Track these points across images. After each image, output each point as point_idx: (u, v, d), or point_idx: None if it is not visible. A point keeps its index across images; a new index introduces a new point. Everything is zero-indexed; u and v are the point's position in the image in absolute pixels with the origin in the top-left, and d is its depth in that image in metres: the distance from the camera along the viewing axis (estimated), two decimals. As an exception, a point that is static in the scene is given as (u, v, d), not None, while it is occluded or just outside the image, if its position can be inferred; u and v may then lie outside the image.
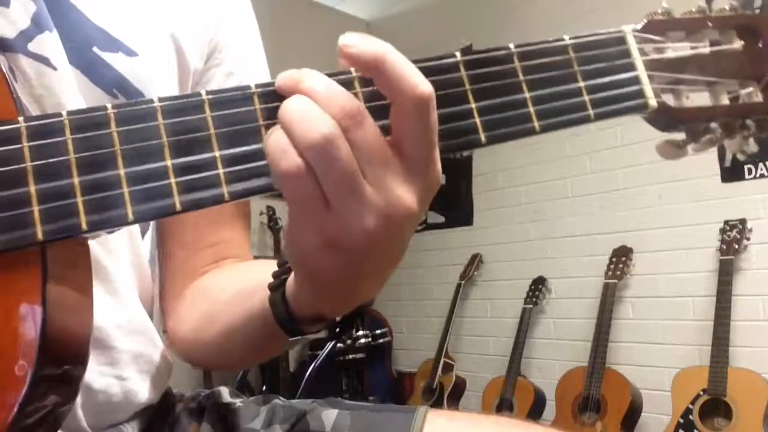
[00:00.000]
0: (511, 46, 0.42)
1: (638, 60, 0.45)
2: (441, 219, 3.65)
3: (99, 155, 0.36)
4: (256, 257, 0.71)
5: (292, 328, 0.49)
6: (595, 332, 2.56)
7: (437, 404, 3.06)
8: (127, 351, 0.56)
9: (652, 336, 2.68)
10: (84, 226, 0.35)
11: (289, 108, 0.36)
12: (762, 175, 2.46)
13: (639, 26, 0.47)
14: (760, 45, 0.47)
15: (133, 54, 0.56)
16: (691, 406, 2.18)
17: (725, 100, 0.46)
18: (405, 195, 0.37)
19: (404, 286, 3.83)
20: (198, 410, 0.65)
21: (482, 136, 0.40)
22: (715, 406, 2.14)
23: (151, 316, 0.62)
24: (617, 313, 2.67)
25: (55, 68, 0.50)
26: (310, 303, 0.47)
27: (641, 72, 0.44)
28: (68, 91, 0.51)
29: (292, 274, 0.47)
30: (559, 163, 3.06)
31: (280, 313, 0.49)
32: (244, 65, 0.71)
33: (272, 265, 0.50)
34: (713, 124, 0.47)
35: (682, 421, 2.19)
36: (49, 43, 0.50)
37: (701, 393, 2.17)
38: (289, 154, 0.35)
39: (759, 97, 0.46)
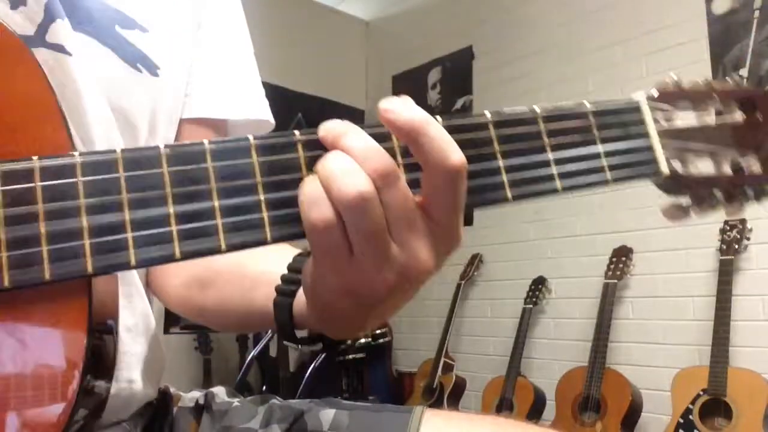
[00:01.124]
0: (537, 108, 0.44)
1: (652, 129, 0.47)
2: (441, 219, 3.65)
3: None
4: None
5: (290, 337, 0.50)
6: (595, 332, 2.56)
7: (437, 404, 3.06)
8: (134, 354, 0.57)
9: (652, 336, 2.68)
10: (133, 262, 0.36)
11: (329, 163, 0.37)
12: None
13: (654, 95, 0.50)
14: (759, 118, 0.51)
15: (145, 30, 0.59)
16: (691, 406, 2.18)
17: (727, 169, 0.49)
18: (427, 256, 0.39)
19: (404, 286, 3.83)
20: (196, 409, 0.65)
21: (508, 193, 0.42)
22: (715, 406, 2.14)
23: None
24: (617, 313, 2.67)
25: (70, 54, 0.52)
26: (315, 324, 0.47)
27: (655, 140, 0.47)
28: (85, 76, 0.52)
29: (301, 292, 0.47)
30: (559, 163, 3.06)
31: (282, 319, 0.49)
32: (227, 50, 0.72)
33: (275, 253, 0.50)
34: (716, 191, 0.50)
35: (682, 421, 2.19)
36: (62, 30, 0.52)
37: (701, 393, 2.17)
38: (321, 206, 0.36)
39: (758, 168, 0.50)
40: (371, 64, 4.42)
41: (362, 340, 3.43)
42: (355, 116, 4.30)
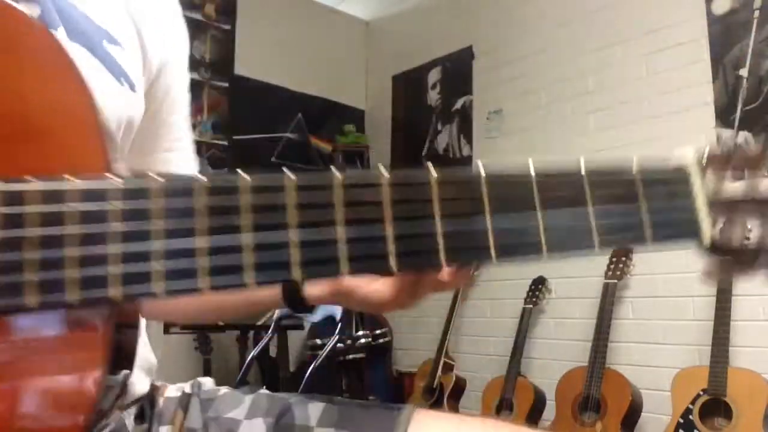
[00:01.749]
0: (582, 169, 0.41)
1: (700, 199, 0.44)
2: (441, 219, 3.64)
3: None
4: None
5: (297, 307, 0.58)
6: (595, 332, 2.56)
7: (437, 404, 3.06)
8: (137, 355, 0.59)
9: (652, 336, 2.68)
10: (157, 292, 0.36)
11: None
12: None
13: (703, 158, 0.45)
14: None
15: (124, 49, 0.61)
16: (691, 406, 2.18)
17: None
18: None
19: (404, 286, 3.83)
20: (182, 399, 0.66)
21: (544, 249, 0.41)
22: (715, 406, 2.14)
23: None
24: (617, 313, 2.67)
25: None
26: (320, 302, 0.56)
27: (701, 212, 0.44)
28: None
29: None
30: (559, 163, 3.06)
31: (292, 299, 0.57)
32: (178, 90, 0.73)
33: None
34: (762, 253, 0.47)
35: (682, 421, 2.19)
36: (61, 38, 0.53)
37: (701, 393, 2.17)
38: None
39: None
40: (371, 64, 4.42)
41: (362, 341, 3.43)
42: (355, 116, 4.30)
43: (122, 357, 0.40)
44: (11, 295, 0.34)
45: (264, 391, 0.65)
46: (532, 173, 0.41)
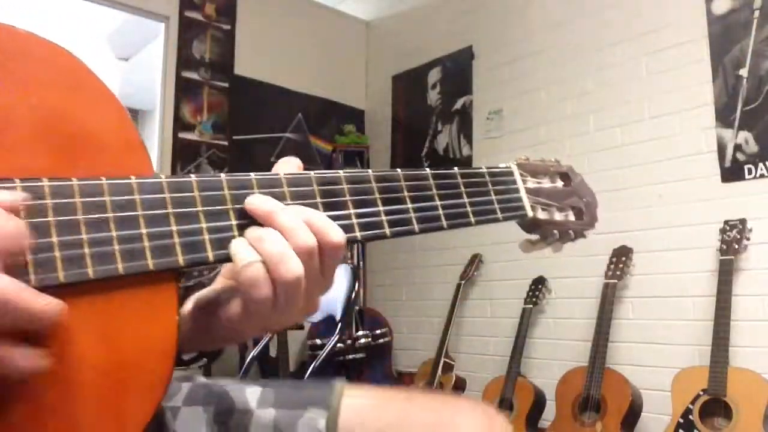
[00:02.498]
0: (455, 168, 0.64)
1: (521, 186, 0.70)
2: (441, 219, 3.64)
3: (219, 210, 0.49)
4: None
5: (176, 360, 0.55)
6: (595, 332, 2.56)
7: (437, 404, 3.06)
8: None
9: (652, 336, 2.68)
10: (211, 258, 0.47)
11: (268, 246, 0.46)
12: (762, 175, 2.46)
13: (517, 164, 0.72)
14: (572, 185, 0.78)
15: None
16: (691, 406, 2.18)
17: (557, 218, 0.74)
18: (317, 300, 0.52)
19: (404, 286, 3.83)
20: None
21: (444, 223, 0.61)
22: (715, 406, 2.14)
23: None
24: (617, 313, 2.67)
25: None
26: (197, 344, 0.55)
27: (523, 194, 0.70)
28: None
29: (190, 308, 0.55)
30: (559, 163, 3.06)
31: None
32: None
33: None
34: (555, 231, 0.74)
35: (682, 421, 2.19)
36: None
37: (701, 393, 2.17)
38: (264, 286, 0.46)
39: (572, 217, 0.77)
40: (371, 64, 4.42)
41: (362, 341, 3.43)
42: (355, 116, 4.30)
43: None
44: (103, 263, 0.42)
45: (201, 378, 0.67)
46: (428, 171, 0.62)
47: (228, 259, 0.47)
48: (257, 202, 0.48)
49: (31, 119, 0.44)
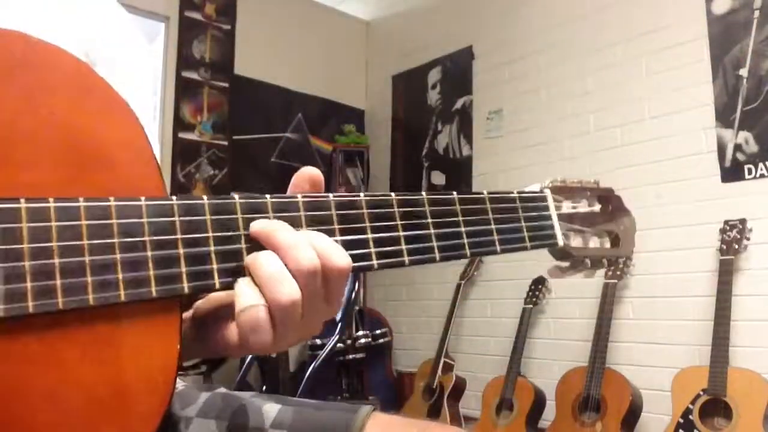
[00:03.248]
0: (485, 192, 0.60)
1: (554, 213, 0.66)
2: (441, 219, 3.64)
3: (229, 235, 0.47)
4: None
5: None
6: (595, 332, 2.56)
7: (437, 404, 3.06)
8: None
9: (652, 336, 2.68)
10: (217, 286, 0.45)
11: (263, 268, 0.44)
12: (762, 175, 2.46)
13: (550, 186, 0.68)
14: (609, 208, 0.74)
15: None
16: (691, 406, 2.18)
17: (591, 244, 0.70)
18: (319, 324, 0.49)
19: (404, 286, 3.83)
20: None
21: (467, 252, 0.58)
22: (715, 406, 2.14)
23: None
24: (617, 313, 2.67)
25: None
26: (196, 353, 0.53)
27: (555, 221, 0.66)
28: None
29: (189, 320, 0.52)
30: (559, 165, 3.06)
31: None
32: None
33: None
34: (586, 260, 0.70)
35: (682, 421, 2.19)
36: None
37: (701, 393, 2.17)
38: (264, 332, 0.44)
39: (608, 245, 0.73)
40: (371, 64, 4.42)
41: (362, 341, 3.43)
42: (355, 116, 4.30)
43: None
44: (104, 291, 0.40)
45: (221, 389, 0.65)
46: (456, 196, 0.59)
47: None
48: (260, 225, 0.46)
49: (38, 131, 0.42)
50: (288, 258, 0.45)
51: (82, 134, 0.44)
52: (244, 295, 0.44)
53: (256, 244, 0.46)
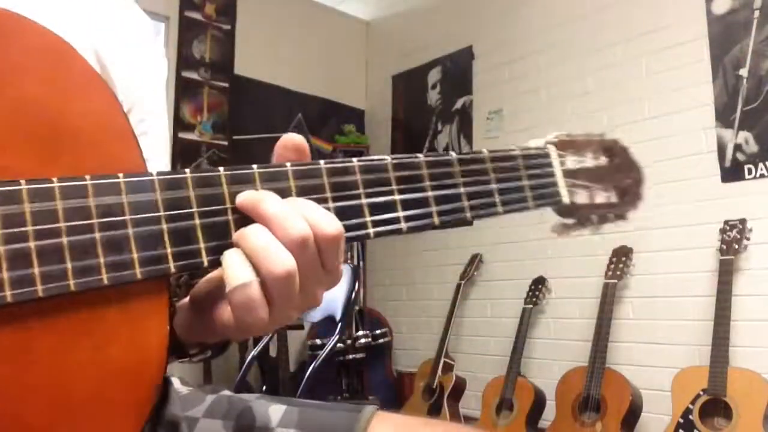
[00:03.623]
0: (485, 150, 0.57)
1: (558, 170, 0.63)
2: (441, 219, 3.65)
3: (215, 209, 0.44)
4: None
5: (180, 354, 0.52)
6: (595, 332, 2.56)
7: (437, 404, 3.06)
8: None
9: (652, 336, 2.68)
10: (206, 264, 0.43)
11: (252, 239, 0.42)
12: (762, 175, 2.46)
13: (554, 142, 0.64)
14: (615, 161, 0.70)
15: None
16: (691, 406, 2.18)
17: (597, 200, 0.67)
18: (320, 296, 0.47)
19: (404, 286, 3.83)
20: None
21: (468, 215, 0.54)
22: (715, 406, 2.14)
23: None
24: (617, 313, 2.67)
25: None
26: (199, 338, 0.51)
27: (559, 178, 0.63)
28: None
29: (184, 311, 0.51)
30: (559, 163, 3.06)
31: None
32: (153, 117, 0.70)
33: None
34: (593, 216, 0.67)
35: (682, 421, 2.19)
36: None
37: (701, 393, 2.17)
38: (259, 310, 0.42)
39: (615, 199, 0.69)
40: (371, 64, 4.42)
41: (362, 341, 3.43)
42: (355, 116, 4.30)
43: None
44: (87, 276, 0.38)
45: (226, 392, 0.65)
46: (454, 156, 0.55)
47: None
48: (245, 195, 0.44)
49: (8, 111, 0.40)
50: (277, 228, 0.43)
51: (55, 113, 0.42)
52: (234, 271, 0.42)
53: (245, 218, 0.44)
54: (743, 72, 2.55)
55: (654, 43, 2.82)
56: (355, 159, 0.50)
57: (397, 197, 0.50)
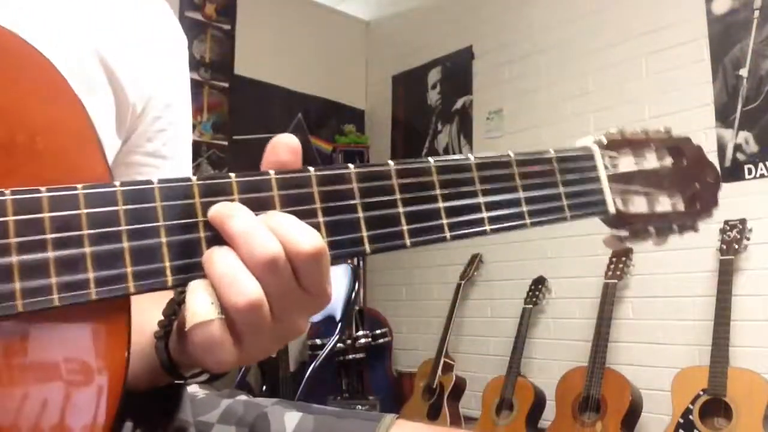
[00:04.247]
0: (511, 153, 0.50)
1: (603, 174, 0.55)
2: (441, 219, 3.65)
3: (185, 224, 0.40)
4: None
5: (175, 375, 0.50)
6: (595, 332, 2.56)
7: (437, 404, 3.06)
8: None
9: (652, 336, 2.68)
10: (170, 284, 0.39)
11: (215, 267, 0.38)
12: (762, 175, 2.46)
13: (603, 142, 0.56)
14: (685, 163, 0.61)
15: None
16: (691, 406, 2.18)
17: (659, 208, 0.58)
18: (302, 323, 0.42)
19: (404, 286, 3.83)
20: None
21: (488, 228, 0.48)
22: (715, 406, 2.14)
23: None
24: (617, 313, 2.67)
25: None
26: (192, 362, 0.48)
27: (605, 185, 0.55)
28: None
29: (175, 327, 0.48)
30: (559, 163, 3.06)
31: (163, 361, 0.49)
32: (171, 112, 0.67)
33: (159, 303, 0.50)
34: (650, 227, 0.58)
35: (682, 421, 2.19)
36: None
37: (701, 393, 2.17)
38: (222, 351, 0.38)
39: (681, 207, 0.59)
40: (371, 64, 4.42)
41: (362, 341, 3.43)
42: (355, 116, 4.30)
43: None
44: (37, 296, 0.35)
45: (242, 396, 0.64)
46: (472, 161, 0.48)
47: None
48: (215, 210, 0.39)
49: None
50: (241, 249, 0.38)
51: (13, 118, 0.39)
52: (194, 306, 0.38)
53: (219, 235, 0.39)
54: (743, 72, 2.55)
55: (654, 43, 2.82)
56: (351, 165, 0.44)
57: (401, 210, 0.45)
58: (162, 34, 0.66)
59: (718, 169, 0.60)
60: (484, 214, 0.47)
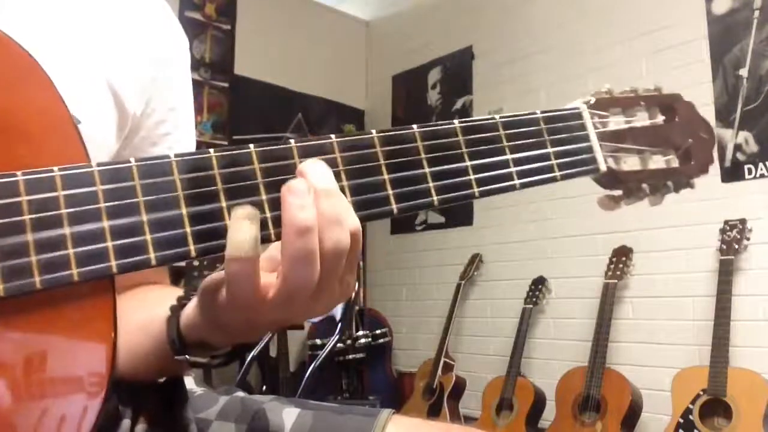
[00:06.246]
0: (497, 117, 0.50)
1: (592, 132, 0.55)
2: (441, 219, 3.65)
3: (163, 198, 0.40)
4: None
5: (178, 349, 0.50)
6: (595, 332, 2.56)
7: (437, 404, 3.06)
8: None
9: (652, 336, 2.68)
10: (154, 262, 0.39)
11: (321, 213, 0.40)
12: (762, 175, 2.46)
13: (591, 102, 0.57)
14: (677, 120, 0.60)
15: (78, 122, 0.57)
16: (691, 406, 2.18)
17: (653, 165, 0.58)
18: (353, 286, 0.45)
19: (404, 286, 3.83)
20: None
21: (476, 191, 0.48)
22: (715, 406, 2.14)
23: None
24: (617, 313, 2.67)
25: None
26: (201, 334, 0.49)
27: (594, 142, 0.55)
28: None
29: (191, 303, 0.49)
30: (559, 163, 3.06)
31: (171, 335, 0.50)
32: (176, 115, 0.68)
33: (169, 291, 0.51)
34: (643, 185, 0.58)
35: (682, 421, 2.19)
36: None
37: (701, 393, 2.17)
38: (313, 263, 0.40)
39: (676, 163, 0.59)
40: (371, 64, 4.42)
41: (362, 341, 3.43)
42: (355, 116, 4.30)
43: None
44: (18, 278, 0.36)
45: (240, 393, 0.64)
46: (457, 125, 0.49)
47: (183, 257, 0.40)
48: (308, 162, 0.42)
49: None
50: (319, 197, 0.41)
51: None
52: (236, 237, 0.39)
53: (201, 212, 0.40)
54: (743, 72, 2.55)
55: (654, 43, 2.82)
56: (374, 131, 0.46)
57: (387, 176, 0.46)
58: (165, 41, 0.67)
59: (710, 127, 0.64)
60: (471, 176, 0.48)
